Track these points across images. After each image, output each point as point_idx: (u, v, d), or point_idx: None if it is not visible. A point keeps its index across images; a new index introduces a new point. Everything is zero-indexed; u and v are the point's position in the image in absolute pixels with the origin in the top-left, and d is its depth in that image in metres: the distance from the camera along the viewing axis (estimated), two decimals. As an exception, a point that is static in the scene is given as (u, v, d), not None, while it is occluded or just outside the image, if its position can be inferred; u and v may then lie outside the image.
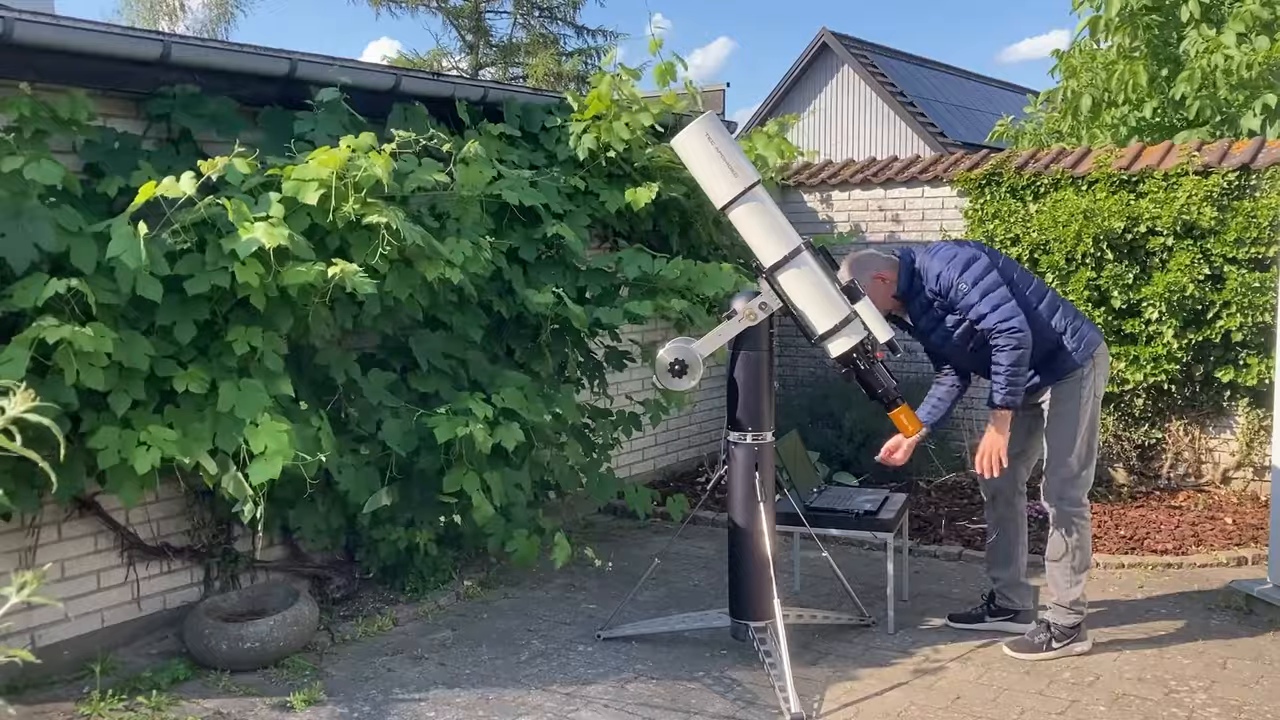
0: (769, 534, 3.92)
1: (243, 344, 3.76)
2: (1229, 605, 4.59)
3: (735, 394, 4.02)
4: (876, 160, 7.86)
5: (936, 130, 16.77)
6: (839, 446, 6.72)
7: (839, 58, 17.80)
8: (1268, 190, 6.06)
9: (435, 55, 20.43)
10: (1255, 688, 3.78)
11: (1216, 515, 5.90)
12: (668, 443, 7.12)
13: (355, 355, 4.47)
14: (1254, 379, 6.09)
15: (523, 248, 4.99)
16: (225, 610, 4.20)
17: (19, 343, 3.28)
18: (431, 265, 4.15)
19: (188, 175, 3.56)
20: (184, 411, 3.72)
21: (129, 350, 3.52)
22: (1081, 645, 4.07)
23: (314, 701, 3.73)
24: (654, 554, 4.91)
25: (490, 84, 6.83)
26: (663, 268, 5.10)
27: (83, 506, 3.97)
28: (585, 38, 21.09)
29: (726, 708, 3.69)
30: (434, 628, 4.49)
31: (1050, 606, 4.10)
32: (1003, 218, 6.77)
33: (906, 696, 3.75)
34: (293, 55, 4.48)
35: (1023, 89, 20.75)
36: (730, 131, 5.60)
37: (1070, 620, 4.04)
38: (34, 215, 3.39)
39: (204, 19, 22.35)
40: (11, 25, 3.52)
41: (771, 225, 3.88)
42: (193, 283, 3.64)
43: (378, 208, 3.86)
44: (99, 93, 3.99)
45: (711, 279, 5.19)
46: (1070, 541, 3.98)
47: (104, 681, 3.76)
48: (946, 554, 5.38)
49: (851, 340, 3.87)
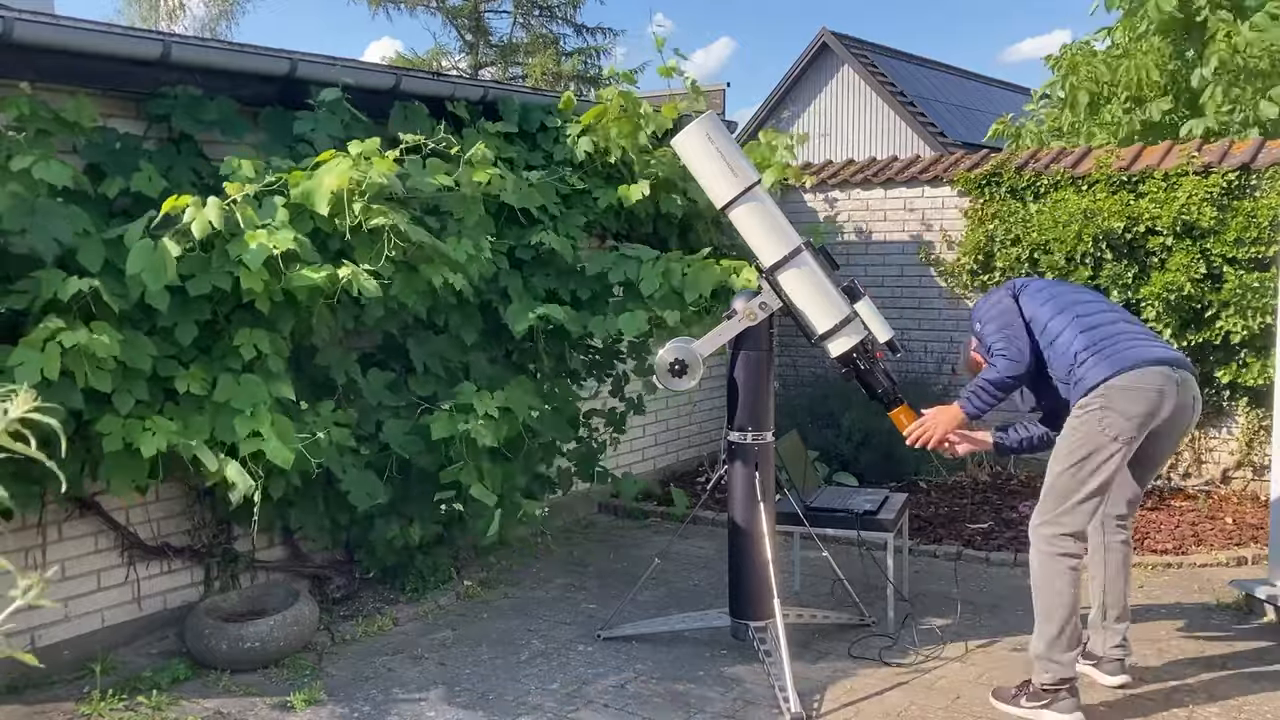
0: (769, 534, 3.92)
1: (249, 348, 3.76)
2: (1229, 605, 4.59)
3: (735, 394, 4.02)
4: (876, 160, 7.86)
5: (936, 130, 16.77)
6: (839, 446, 6.72)
7: (839, 58, 17.80)
8: (1268, 190, 6.07)
9: (434, 55, 20.44)
10: (1255, 687, 3.78)
11: (1216, 515, 5.90)
12: (668, 443, 7.13)
13: (355, 355, 4.48)
14: (1254, 379, 6.09)
15: (520, 248, 4.99)
16: (225, 610, 4.20)
17: (29, 344, 3.29)
18: (435, 267, 4.15)
19: (214, 201, 3.56)
20: (185, 410, 3.73)
21: (132, 351, 3.53)
22: (1053, 716, 3.45)
23: (314, 701, 3.73)
24: (654, 554, 4.91)
25: (490, 83, 6.83)
26: (644, 274, 4.85)
27: (83, 506, 3.97)
28: (585, 37, 21.12)
29: (726, 708, 3.69)
30: (434, 628, 4.49)
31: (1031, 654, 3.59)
32: (1003, 218, 6.77)
33: (906, 696, 3.75)
34: (293, 55, 4.48)
35: (1024, 89, 20.70)
36: (730, 131, 5.59)
37: (1041, 679, 3.50)
38: (49, 212, 3.43)
39: (204, 18, 22.38)
40: (11, 25, 3.52)
41: (771, 225, 3.89)
42: (194, 283, 3.65)
43: (383, 210, 3.86)
44: (99, 92, 4.00)
45: (693, 281, 4.82)
46: (1038, 579, 3.51)
47: (104, 681, 3.76)
48: (946, 554, 5.38)
49: (851, 340, 3.87)
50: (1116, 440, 3.40)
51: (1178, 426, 3.57)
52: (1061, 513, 3.47)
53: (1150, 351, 3.50)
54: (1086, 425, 3.43)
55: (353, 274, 3.71)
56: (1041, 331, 3.62)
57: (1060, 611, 3.45)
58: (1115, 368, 3.43)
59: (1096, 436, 3.41)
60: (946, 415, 3.79)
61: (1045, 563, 3.48)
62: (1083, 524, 3.47)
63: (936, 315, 7.24)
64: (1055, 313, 3.61)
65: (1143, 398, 3.40)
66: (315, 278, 3.68)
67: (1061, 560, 3.46)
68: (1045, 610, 3.49)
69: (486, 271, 4.50)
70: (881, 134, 17.37)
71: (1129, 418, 3.39)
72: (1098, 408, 3.42)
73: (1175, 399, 3.45)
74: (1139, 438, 3.45)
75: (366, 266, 3.84)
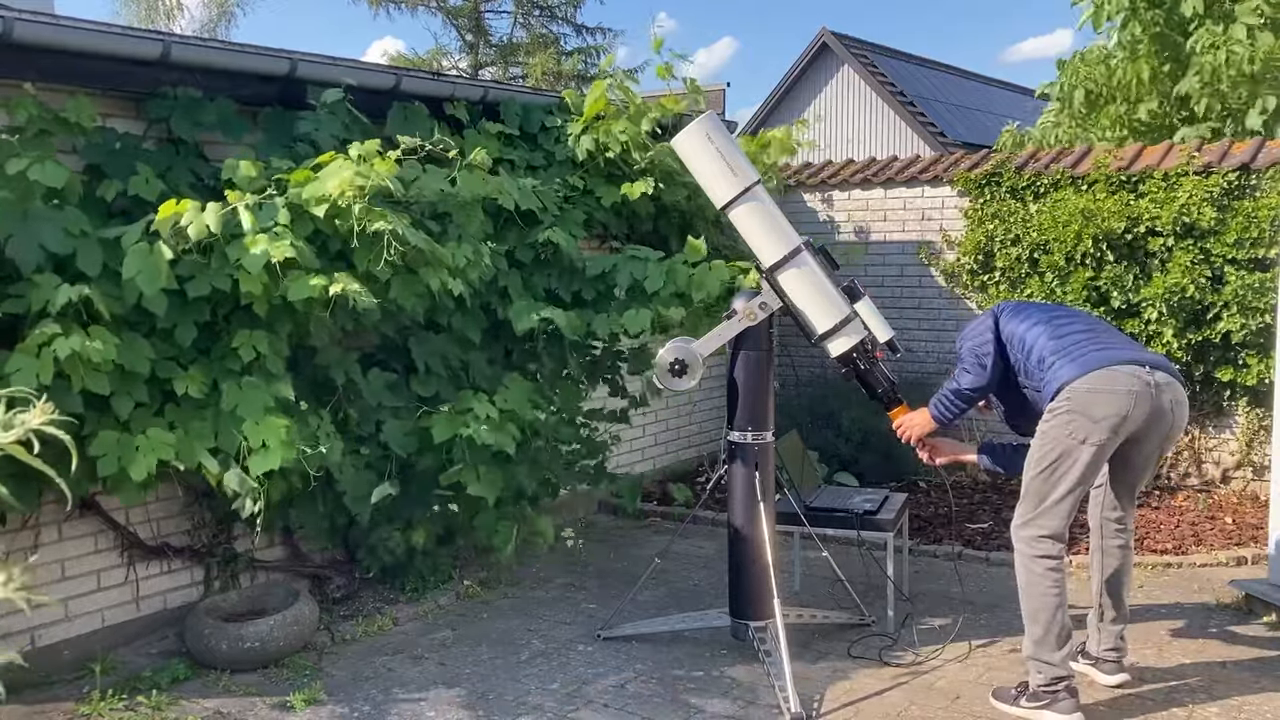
0: (769, 534, 3.92)
1: (248, 349, 3.76)
2: (1229, 605, 4.59)
3: (735, 394, 4.02)
4: (876, 160, 7.86)
5: (936, 130, 16.77)
6: (839, 446, 6.72)
7: (839, 58, 17.80)
8: (1268, 190, 6.06)
9: (435, 55, 20.43)
10: (1255, 687, 3.78)
11: (1216, 515, 5.90)
12: (668, 443, 7.13)
13: (355, 355, 4.47)
14: (1254, 379, 6.09)
15: (519, 250, 4.98)
16: (225, 610, 4.20)
17: (24, 350, 3.29)
18: (434, 272, 4.15)
19: (213, 207, 3.55)
20: (185, 411, 3.73)
21: (130, 354, 3.52)
22: (1052, 716, 3.46)
23: (314, 701, 3.73)
24: (654, 554, 4.91)
25: (490, 84, 6.83)
26: (650, 274, 4.89)
27: (83, 506, 3.96)
28: (585, 36, 21.11)
29: (726, 707, 3.69)
30: (434, 627, 4.49)
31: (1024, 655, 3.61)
32: (1003, 218, 6.77)
33: (906, 696, 3.75)
34: (293, 55, 4.48)
35: (1023, 89, 20.73)
36: (730, 131, 5.59)
37: (1035, 680, 3.51)
38: (40, 217, 3.41)
39: (203, 18, 22.37)
40: (11, 25, 3.52)
41: (771, 225, 3.89)
42: (193, 284, 3.64)
43: (382, 214, 3.86)
44: (99, 92, 3.99)
45: (699, 281, 4.85)
46: (1022, 581, 3.54)
47: (104, 681, 3.76)
48: (946, 554, 5.38)
49: (851, 340, 3.87)
50: (1084, 444, 3.38)
51: (1158, 431, 3.51)
52: (1038, 515, 3.49)
53: (1119, 353, 3.49)
54: (1055, 429, 3.45)
55: (345, 289, 3.69)
56: (1021, 346, 3.65)
57: (1044, 613, 3.47)
58: (1080, 370, 3.43)
59: (1064, 440, 3.41)
60: (919, 418, 3.93)
61: (1027, 564, 3.51)
62: (1060, 525, 3.47)
63: (936, 315, 7.24)
64: (1031, 325, 3.65)
65: (1109, 400, 3.37)
66: (311, 288, 3.67)
67: (1041, 561, 3.48)
68: (1031, 611, 3.51)
69: (486, 275, 4.50)
70: (881, 134, 17.38)
71: (1095, 420, 3.37)
72: (1064, 411, 3.42)
73: (1151, 401, 3.40)
74: (1112, 439, 3.42)
75: (364, 270, 3.84)
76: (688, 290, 4.83)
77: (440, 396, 4.56)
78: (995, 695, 3.68)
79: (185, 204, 3.57)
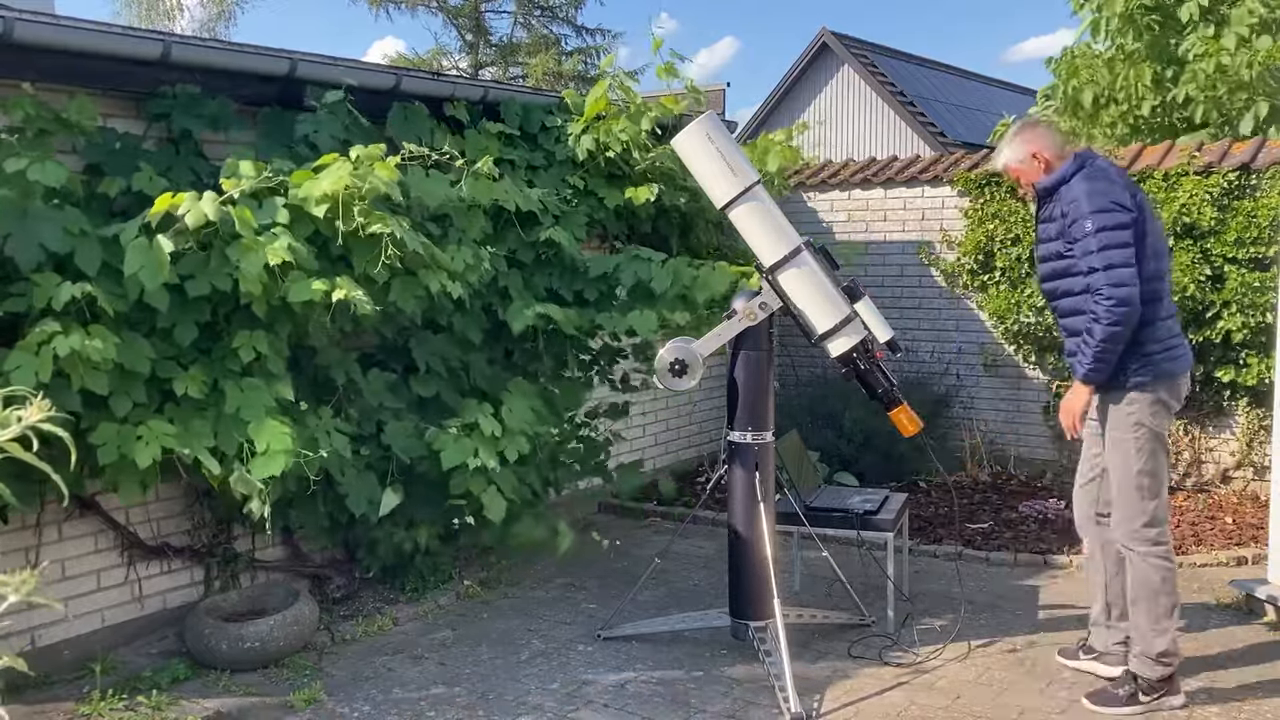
0: (769, 534, 3.92)
1: (249, 350, 3.76)
2: (1229, 605, 4.59)
3: (735, 394, 4.02)
4: (876, 160, 7.86)
5: (936, 130, 16.77)
6: (839, 446, 6.72)
7: (839, 58, 17.80)
8: (1268, 190, 6.06)
9: (435, 55, 20.45)
10: (1255, 687, 3.78)
11: (1216, 515, 5.90)
12: (668, 443, 7.13)
13: (355, 355, 4.47)
14: (1254, 379, 6.09)
15: (520, 250, 4.98)
16: (225, 610, 4.20)
17: (24, 348, 3.28)
18: (433, 274, 4.15)
19: (209, 195, 3.55)
20: (184, 411, 3.72)
21: (130, 353, 3.52)
22: (1174, 700, 3.61)
23: (314, 701, 3.73)
24: (654, 554, 4.91)
25: (490, 84, 6.83)
26: (655, 274, 4.88)
27: (83, 506, 3.96)
28: (585, 37, 21.12)
29: (726, 707, 3.69)
30: (434, 627, 4.49)
31: (1134, 656, 3.66)
32: (1003, 218, 6.77)
33: (906, 696, 3.76)
34: (293, 55, 4.48)
35: (1024, 89, 20.75)
36: (730, 131, 5.59)
37: (1156, 673, 3.59)
38: (40, 216, 3.41)
39: (203, 18, 22.37)
40: (11, 25, 3.52)
41: (771, 225, 3.89)
42: (194, 284, 3.64)
43: (382, 217, 3.86)
44: (99, 92, 4.00)
45: (704, 283, 4.86)
46: (1147, 587, 3.56)
47: (104, 681, 3.76)
48: (946, 554, 5.38)
49: (851, 340, 3.87)
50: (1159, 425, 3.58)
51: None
52: (1157, 510, 3.57)
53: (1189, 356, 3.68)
54: (1130, 420, 3.54)
55: (347, 295, 3.69)
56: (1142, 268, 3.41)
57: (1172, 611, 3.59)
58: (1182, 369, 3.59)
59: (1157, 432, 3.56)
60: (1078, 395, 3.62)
61: (1158, 565, 3.57)
62: (1164, 518, 3.60)
63: (937, 315, 7.24)
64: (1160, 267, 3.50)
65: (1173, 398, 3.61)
66: (312, 291, 3.67)
67: (1167, 563, 3.58)
68: (1168, 608, 3.58)
69: (486, 278, 4.51)
70: (881, 134, 17.38)
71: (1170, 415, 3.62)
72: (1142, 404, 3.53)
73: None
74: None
75: (363, 272, 3.84)
76: (692, 292, 4.84)
77: (440, 397, 4.55)
78: (1093, 699, 3.67)
79: (181, 196, 3.56)
